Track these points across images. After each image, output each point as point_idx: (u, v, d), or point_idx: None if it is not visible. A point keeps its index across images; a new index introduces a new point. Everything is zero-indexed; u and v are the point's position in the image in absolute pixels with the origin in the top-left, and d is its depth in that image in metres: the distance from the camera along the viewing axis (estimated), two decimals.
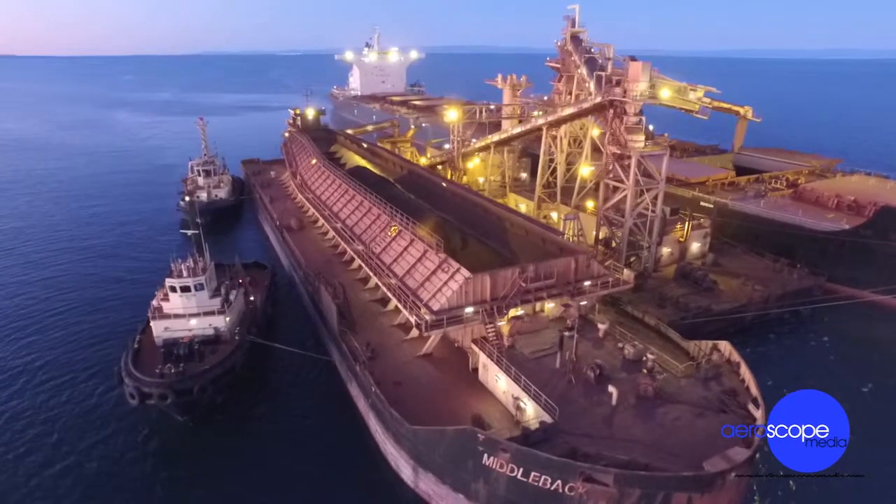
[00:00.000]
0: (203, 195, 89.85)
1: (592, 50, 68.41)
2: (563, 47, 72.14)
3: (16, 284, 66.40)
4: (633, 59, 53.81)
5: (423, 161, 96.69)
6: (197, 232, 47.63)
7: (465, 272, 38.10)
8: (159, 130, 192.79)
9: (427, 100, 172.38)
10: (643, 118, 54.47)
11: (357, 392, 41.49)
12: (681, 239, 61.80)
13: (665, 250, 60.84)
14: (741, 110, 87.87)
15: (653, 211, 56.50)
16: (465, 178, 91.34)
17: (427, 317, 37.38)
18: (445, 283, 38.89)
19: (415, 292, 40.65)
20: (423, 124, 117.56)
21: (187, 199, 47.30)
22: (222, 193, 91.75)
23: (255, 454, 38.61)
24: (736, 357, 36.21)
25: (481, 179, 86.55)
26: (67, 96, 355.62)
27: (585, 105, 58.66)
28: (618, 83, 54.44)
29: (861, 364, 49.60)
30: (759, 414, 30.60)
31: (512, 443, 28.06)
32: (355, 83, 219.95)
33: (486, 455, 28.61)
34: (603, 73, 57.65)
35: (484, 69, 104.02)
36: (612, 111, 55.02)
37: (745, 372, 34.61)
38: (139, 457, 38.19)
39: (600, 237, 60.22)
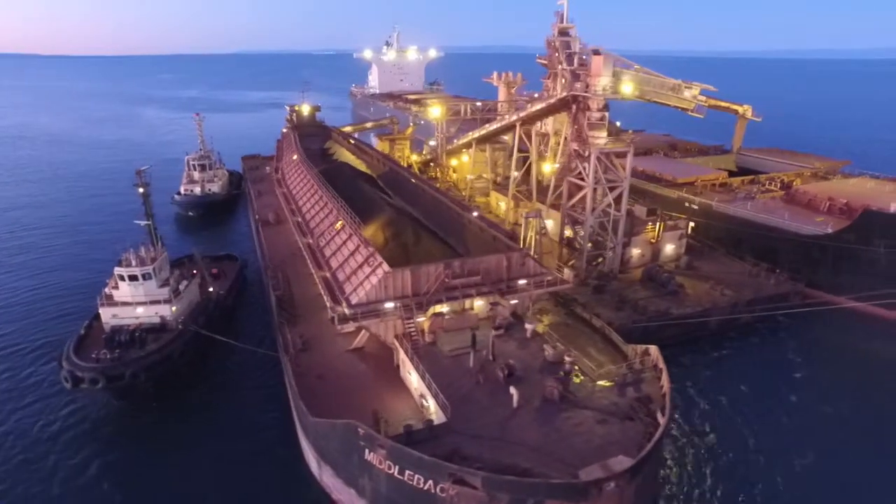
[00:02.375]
0: (197, 189, 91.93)
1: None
2: (552, 44, 70.56)
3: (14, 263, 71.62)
4: (597, 52, 52.27)
5: (415, 158, 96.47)
6: (149, 223, 48.63)
7: (385, 267, 37.57)
8: (178, 126, 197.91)
9: (443, 98, 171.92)
10: (607, 114, 52.77)
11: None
12: (652, 240, 59.64)
13: (635, 251, 58.79)
14: (740, 109, 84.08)
15: (617, 210, 54.71)
16: (454, 175, 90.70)
17: (345, 310, 37.03)
18: (367, 276, 38.47)
19: (341, 285, 40.38)
20: (422, 121, 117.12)
21: (140, 190, 48.11)
22: (215, 188, 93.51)
23: (182, 439, 39.33)
24: (661, 363, 34.54)
25: (470, 176, 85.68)
26: (104, 93, 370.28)
27: (552, 101, 57.25)
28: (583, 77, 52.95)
29: (826, 373, 47.12)
30: (663, 422, 29.12)
31: (387, 440, 27.43)
32: (374, 81, 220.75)
33: (367, 450, 28.11)
34: (569, 68, 56.08)
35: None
36: (575, 106, 53.55)
37: (664, 379, 32.97)
38: (69, 438, 39.12)
39: (566, 236, 58.72)
